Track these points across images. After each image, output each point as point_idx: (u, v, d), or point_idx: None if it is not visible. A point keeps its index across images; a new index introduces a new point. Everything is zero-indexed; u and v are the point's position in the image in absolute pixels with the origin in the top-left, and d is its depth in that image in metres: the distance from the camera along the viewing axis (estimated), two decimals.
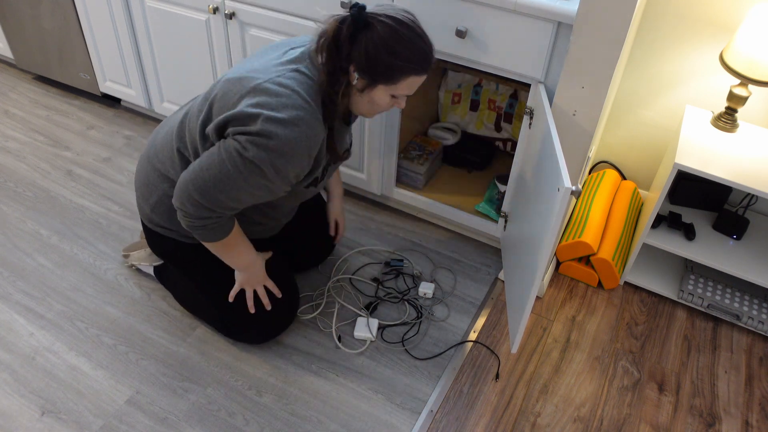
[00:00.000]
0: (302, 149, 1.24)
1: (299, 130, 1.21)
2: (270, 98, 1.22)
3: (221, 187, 1.26)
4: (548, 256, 1.33)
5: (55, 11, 2.35)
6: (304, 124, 1.22)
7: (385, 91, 1.28)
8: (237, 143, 1.22)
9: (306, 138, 1.23)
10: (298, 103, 1.22)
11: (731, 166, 1.66)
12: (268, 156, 1.21)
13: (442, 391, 1.58)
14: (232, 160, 1.23)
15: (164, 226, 1.53)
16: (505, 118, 2.16)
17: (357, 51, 1.21)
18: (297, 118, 1.21)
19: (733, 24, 1.75)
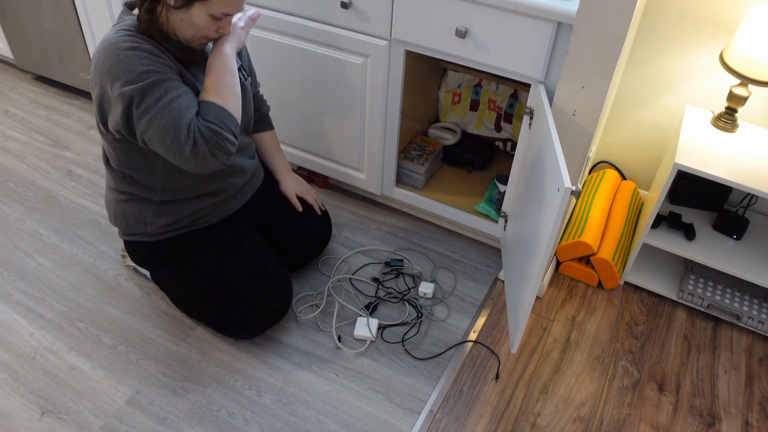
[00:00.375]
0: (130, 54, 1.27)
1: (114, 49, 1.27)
2: (95, 57, 1.30)
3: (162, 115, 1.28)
4: (548, 256, 1.33)
5: (55, 11, 2.35)
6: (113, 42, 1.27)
7: (203, 9, 1.27)
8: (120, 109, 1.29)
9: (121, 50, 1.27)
10: (111, 37, 1.29)
11: (731, 166, 1.66)
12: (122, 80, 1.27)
13: (442, 391, 1.58)
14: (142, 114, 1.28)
15: (128, 232, 1.58)
16: (505, 118, 2.16)
17: None
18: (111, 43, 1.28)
19: (733, 24, 1.75)
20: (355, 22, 1.71)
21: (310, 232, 1.82)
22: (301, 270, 1.89)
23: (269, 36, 1.88)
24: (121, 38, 1.29)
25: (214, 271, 1.56)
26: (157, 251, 1.58)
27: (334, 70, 1.83)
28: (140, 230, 1.56)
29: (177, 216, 1.54)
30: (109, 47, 1.28)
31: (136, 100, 1.27)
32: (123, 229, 1.59)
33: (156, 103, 1.27)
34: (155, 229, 1.55)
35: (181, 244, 1.57)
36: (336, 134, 1.99)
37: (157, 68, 1.29)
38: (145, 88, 1.27)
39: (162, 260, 1.59)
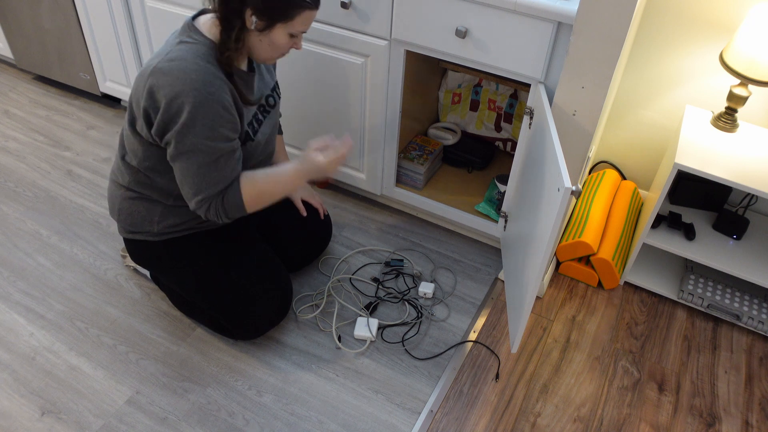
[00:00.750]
0: (215, 108, 1.29)
1: (202, 95, 1.27)
2: (165, 77, 1.28)
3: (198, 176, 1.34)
4: (548, 256, 1.33)
5: (55, 11, 2.35)
6: (203, 86, 1.28)
7: (284, 30, 1.32)
8: (173, 137, 1.31)
9: (212, 97, 1.29)
10: (190, 68, 1.28)
11: (731, 166, 1.66)
12: (194, 131, 1.29)
13: (442, 391, 1.59)
14: (184, 154, 1.32)
15: (131, 230, 1.57)
16: (505, 118, 2.16)
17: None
18: (194, 84, 1.27)
19: (733, 24, 1.75)
20: (355, 22, 1.71)
21: (310, 232, 1.82)
22: (301, 270, 1.89)
23: None
24: (210, 77, 1.28)
25: (215, 273, 1.56)
26: (159, 251, 1.58)
27: (334, 70, 1.83)
28: (145, 229, 1.55)
29: (184, 218, 1.54)
30: (197, 84, 1.27)
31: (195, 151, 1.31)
32: (126, 227, 1.58)
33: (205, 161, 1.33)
34: (161, 229, 1.54)
35: (183, 244, 1.57)
36: (336, 134, 1.99)
37: (232, 135, 1.34)
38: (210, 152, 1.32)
39: (163, 260, 1.59)
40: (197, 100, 1.27)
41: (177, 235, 1.56)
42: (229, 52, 1.32)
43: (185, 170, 1.35)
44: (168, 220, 1.53)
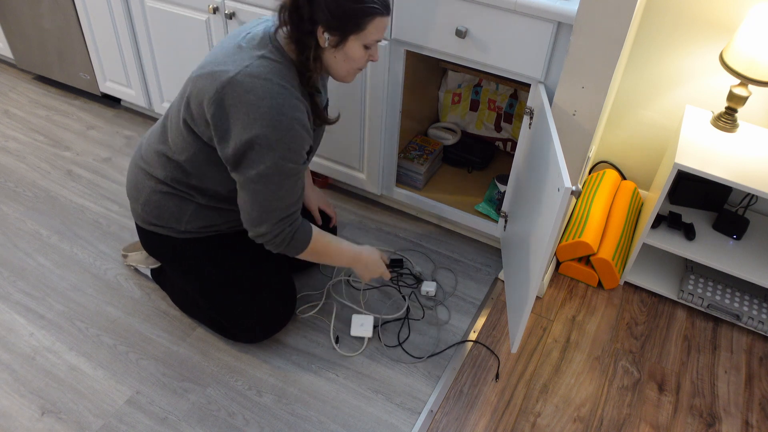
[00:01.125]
0: (299, 132, 1.29)
1: (287, 120, 1.26)
2: (247, 95, 1.26)
3: (272, 200, 1.33)
4: (548, 256, 1.33)
5: (55, 11, 2.35)
6: (289, 110, 1.27)
7: (357, 41, 1.30)
8: (252, 161, 1.29)
9: (296, 122, 1.28)
10: (275, 90, 1.26)
11: (731, 166, 1.66)
12: (280, 156, 1.28)
13: (442, 391, 1.58)
14: (262, 179, 1.30)
15: (155, 223, 1.53)
16: (505, 118, 2.16)
17: (319, 10, 1.25)
18: (280, 108, 1.26)
19: (733, 24, 1.75)
20: None
21: None
22: (301, 270, 1.89)
23: None
24: (294, 101, 1.28)
25: (227, 277, 1.55)
26: (176, 248, 1.55)
27: None
28: (171, 224, 1.52)
29: (213, 221, 1.52)
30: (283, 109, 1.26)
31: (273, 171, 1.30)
32: (150, 219, 1.53)
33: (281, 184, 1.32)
34: (187, 228, 1.52)
35: (201, 245, 1.55)
36: (336, 134, 1.99)
37: (305, 155, 1.34)
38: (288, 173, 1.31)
39: (178, 257, 1.56)
40: (283, 125, 1.26)
41: (200, 235, 1.55)
42: (310, 73, 1.31)
43: (258, 192, 1.32)
44: (198, 221, 1.51)
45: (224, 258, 1.56)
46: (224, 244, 1.57)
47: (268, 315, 1.60)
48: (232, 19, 1.91)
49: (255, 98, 1.25)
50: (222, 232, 1.58)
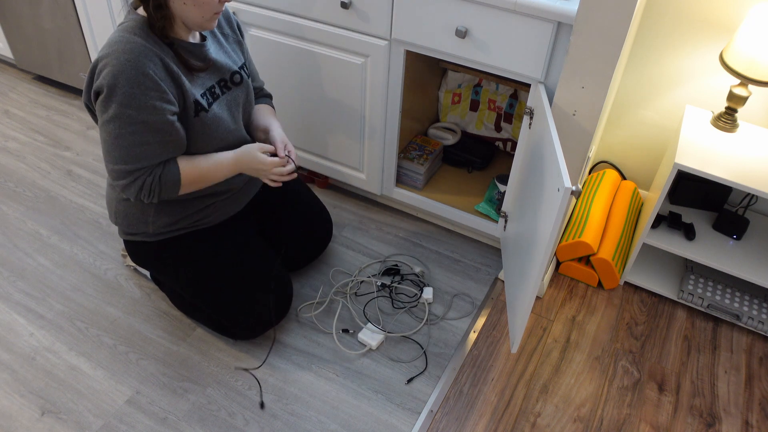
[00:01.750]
0: (139, 80, 1.29)
1: (126, 68, 1.28)
2: (97, 56, 1.32)
3: (117, 142, 1.33)
4: (548, 256, 1.33)
5: (55, 11, 2.35)
6: (121, 53, 1.28)
7: None
8: (99, 110, 1.33)
9: (135, 70, 1.28)
10: (115, 39, 1.30)
11: (731, 166, 1.66)
12: (114, 99, 1.29)
13: (442, 391, 1.58)
14: (105, 124, 1.33)
15: (128, 231, 1.57)
16: (505, 118, 2.16)
17: None
18: (113, 53, 1.28)
19: (733, 24, 1.75)
20: (355, 22, 1.71)
21: (310, 232, 1.82)
22: (301, 270, 1.89)
23: (269, 36, 1.88)
24: (133, 46, 1.29)
25: (215, 272, 1.56)
26: (157, 251, 1.58)
27: (334, 70, 1.83)
28: (141, 230, 1.55)
29: (179, 216, 1.54)
30: (120, 56, 1.27)
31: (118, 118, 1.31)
32: (123, 228, 1.58)
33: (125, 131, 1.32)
34: (156, 229, 1.55)
35: (181, 244, 1.57)
36: (336, 134, 1.99)
37: (159, 104, 1.32)
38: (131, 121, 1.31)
39: (162, 260, 1.59)
40: (117, 70, 1.27)
41: (173, 234, 1.56)
42: (158, 23, 1.31)
43: (105, 140, 1.34)
44: (162, 219, 1.53)
45: (203, 253, 1.57)
46: (200, 239, 1.58)
47: (259, 307, 1.59)
48: None
49: (102, 54, 1.30)
50: (197, 227, 1.59)
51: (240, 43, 1.59)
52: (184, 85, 1.37)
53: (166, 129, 1.35)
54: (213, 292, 1.56)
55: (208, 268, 1.56)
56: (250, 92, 1.59)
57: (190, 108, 1.40)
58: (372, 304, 1.79)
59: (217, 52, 1.49)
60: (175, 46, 1.36)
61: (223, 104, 1.49)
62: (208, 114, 1.44)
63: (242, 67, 1.56)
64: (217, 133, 1.48)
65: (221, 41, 1.52)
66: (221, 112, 1.48)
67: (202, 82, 1.43)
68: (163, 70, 1.33)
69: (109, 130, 1.33)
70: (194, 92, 1.40)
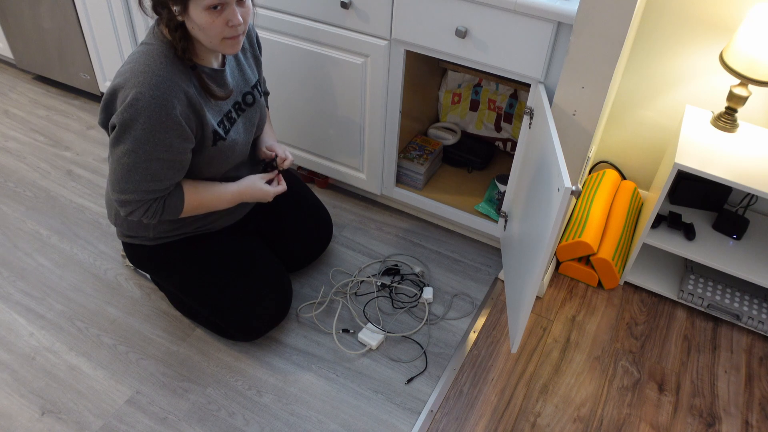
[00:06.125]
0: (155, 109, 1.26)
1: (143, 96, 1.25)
2: (120, 78, 1.28)
3: (128, 176, 1.32)
4: (548, 256, 1.33)
5: (55, 11, 2.35)
6: (147, 88, 1.25)
7: (196, 7, 1.22)
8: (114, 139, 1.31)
9: (152, 100, 1.25)
10: (140, 68, 1.26)
11: (731, 166, 1.66)
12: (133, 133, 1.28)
13: (442, 391, 1.58)
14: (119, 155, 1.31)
15: (128, 234, 1.57)
16: (505, 118, 2.16)
17: None
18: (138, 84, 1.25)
19: (733, 24, 1.75)
20: (355, 22, 1.71)
21: (310, 232, 1.82)
22: (301, 270, 1.89)
23: (269, 36, 1.88)
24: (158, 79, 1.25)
25: (213, 276, 1.56)
26: (156, 255, 1.58)
27: (334, 70, 1.83)
28: (141, 234, 1.55)
29: (180, 223, 1.54)
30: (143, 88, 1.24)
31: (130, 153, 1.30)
32: (123, 231, 1.58)
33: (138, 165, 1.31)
34: (157, 234, 1.54)
35: (179, 248, 1.57)
36: (336, 134, 1.99)
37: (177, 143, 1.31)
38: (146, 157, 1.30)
39: (160, 264, 1.59)
40: (140, 104, 1.25)
41: (173, 239, 1.56)
42: (180, 44, 1.28)
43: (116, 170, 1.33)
44: (164, 225, 1.53)
45: (202, 257, 1.57)
46: (199, 243, 1.58)
47: (259, 309, 1.58)
48: None
49: (123, 80, 1.28)
50: (197, 233, 1.58)
51: (257, 58, 1.58)
52: (204, 117, 1.36)
53: (179, 162, 1.35)
54: (211, 295, 1.56)
55: (206, 271, 1.56)
56: (263, 111, 1.59)
57: (208, 139, 1.40)
58: (372, 304, 1.79)
59: (234, 74, 1.48)
60: (198, 70, 1.33)
61: (240, 128, 1.50)
62: (226, 142, 1.45)
63: (255, 86, 1.55)
64: (231, 158, 1.49)
65: (239, 58, 1.51)
66: (237, 137, 1.48)
67: (219, 108, 1.42)
68: (187, 107, 1.31)
69: (122, 163, 1.31)
70: (212, 122, 1.39)
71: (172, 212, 1.42)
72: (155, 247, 1.57)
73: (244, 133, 1.51)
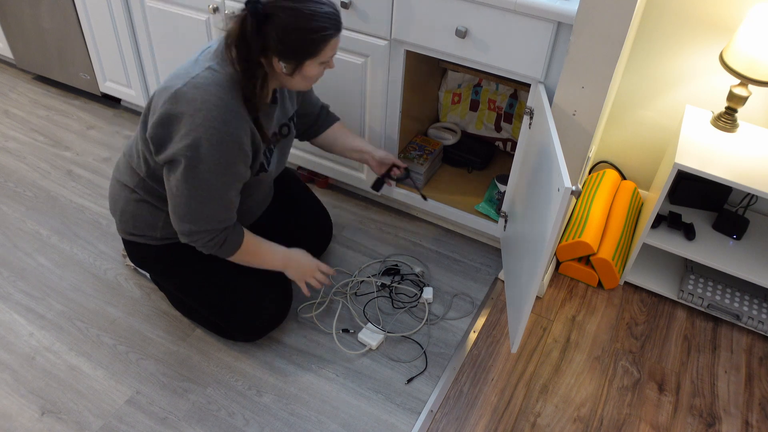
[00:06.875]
0: (230, 148, 1.29)
1: (220, 134, 1.27)
2: (188, 105, 1.27)
3: (203, 207, 1.34)
4: (548, 256, 1.33)
5: (55, 11, 2.35)
6: (223, 125, 1.26)
7: (314, 63, 1.32)
8: (181, 166, 1.30)
9: (230, 138, 1.28)
10: (213, 102, 1.26)
11: (731, 166, 1.66)
12: (207, 168, 1.29)
13: (442, 391, 1.59)
14: (187, 180, 1.31)
15: (132, 232, 1.56)
16: (505, 118, 2.16)
17: (271, 42, 1.25)
18: (206, 119, 1.26)
19: (733, 24, 1.75)
20: (355, 22, 1.71)
21: (310, 232, 1.82)
22: None
23: None
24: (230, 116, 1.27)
25: (215, 276, 1.56)
26: (159, 255, 1.57)
27: (335, 70, 1.83)
28: (147, 233, 1.54)
29: None
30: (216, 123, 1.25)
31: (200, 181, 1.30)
32: (127, 228, 1.56)
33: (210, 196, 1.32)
34: (164, 235, 1.53)
35: (182, 249, 1.56)
36: None
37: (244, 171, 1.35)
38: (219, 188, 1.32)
39: (162, 264, 1.59)
40: (215, 139, 1.26)
41: (178, 241, 1.56)
42: (250, 83, 1.30)
43: (186, 199, 1.33)
44: (172, 228, 1.52)
45: (203, 258, 1.56)
46: None
47: (259, 311, 1.58)
48: None
49: (193, 109, 1.26)
50: None
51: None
52: (259, 150, 1.40)
53: (236, 191, 1.37)
54: (212, 295, 1.56)
55: (207, 271, 1.56)
56: (292, 141, 1.63)
57: (254, 169, 1.43)
58: (372, 304, 1.79)
59: (280, 109, 1.50)
60: (257, 108, 1.35)
61: (275, 159, 1.54)
62: (267, 173, 1.48)
63: (291, 117, 1.57)
64: (263, 188, 1.53)
65: (284, 91, 1.53)
66: (273, 167, 1.52)
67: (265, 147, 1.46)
68: (250, 140, 1.34)
69: (197, 195, 1.32)
70: (260, 156, 1.43)
71: (230, 248, 1.43)
72: (160, 247, 1.57)
73: (277, 163, 1.55)
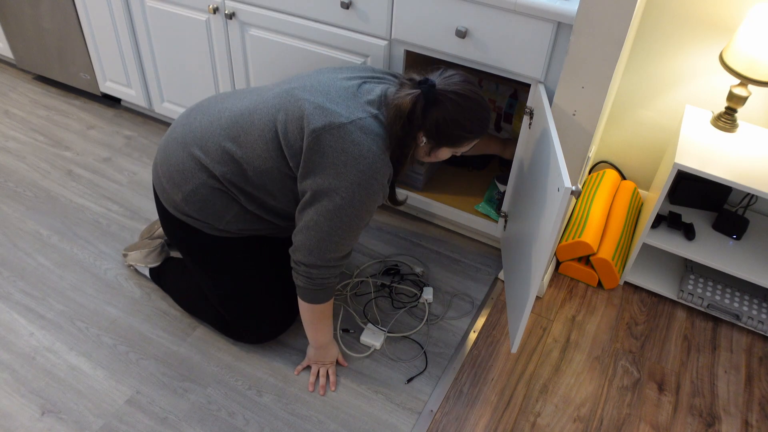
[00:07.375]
0: (378, 199, 1.37)
1: (375, 185, 1.33)
2: (353, 147, 1.31)
3: (344, 240, 1.38)
4: (548, 256, 1.33)
5: (55, 11, 2.35)
6: (380, 177, 1.33)
7: (449, 150, 1.43)
8: (328, 203, 1.33)
9: (381, 190, 1.36)
10: (376, 154, 1.32)
11: (731, 166, 1.66)
12: (352, 212, 1.34)
13: (442, 391, 1.59)
14: (332, 219, 1.34)
15: (194, 216, 1.48)
16: (505, 118, 2.16)
17: (428, 123, 1.35)
18: (374, 173, 1.32)
19: (733, 24, 1.75)
20: (355, 22, 1.71)
21: None
22: None
23: (270, 36, 1.88)
24: (387, 169, 1.34)
25: (246, 276, 1.55)
26: (205, 242, 1.52)
27: None
28: (209, 221, 1.48)
29: (254, 226, 1.51)
30: (378, 175, 1.32)
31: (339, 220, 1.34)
32: (188, 211, 1.47)
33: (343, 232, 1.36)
34: (225, 227, 1.49)
35: (229, 245, 1.53)
36: None
37: (371, 216, 1.41)
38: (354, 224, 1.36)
39: (202, 249, 1.53)
40: (372, 189, 1.33)
41: (234, 236, 1.53)
42: (401, 165, 1.40)
43: (325, 235, 1.35)
44: (239, 224, 1.49)
45: (248, 259, 1.55)
46: (251, 247, 1.56)
47: (276, 317, 1.60)
48: (232, 20, 1.91)
49: (358, 153, 1.30)
50: (254, 234, 1.56)
51: None
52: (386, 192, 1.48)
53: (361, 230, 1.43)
54: (240, 295, 1.55)
55: (245, 271, 1.55)
56: None
57: None
58: (372, 304, 1.79)
59: None
60: (398, 173, 1.43)
61: None
62: None
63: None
64: None
65: None
66: None
67: None
68: (384, 188, 1.40)
69: (327, 226, 1.35)
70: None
71: (329, 294, 1.45)
72: (210, 236, 1.51)
73: None
